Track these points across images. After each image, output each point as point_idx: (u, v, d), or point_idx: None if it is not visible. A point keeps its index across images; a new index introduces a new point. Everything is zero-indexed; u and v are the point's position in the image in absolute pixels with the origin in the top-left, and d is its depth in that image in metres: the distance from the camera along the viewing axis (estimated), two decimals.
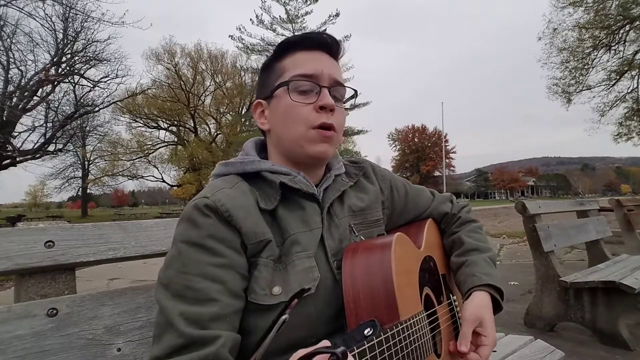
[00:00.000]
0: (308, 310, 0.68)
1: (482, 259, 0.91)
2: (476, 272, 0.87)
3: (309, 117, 0.73)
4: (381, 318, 0.64)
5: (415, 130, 73.26)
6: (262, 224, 0.69)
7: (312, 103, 0.74)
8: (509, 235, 8.64)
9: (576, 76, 16.92)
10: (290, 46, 0.78)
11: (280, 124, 0.76)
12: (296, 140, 0.75)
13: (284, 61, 0.77)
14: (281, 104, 0.76)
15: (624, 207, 3.93)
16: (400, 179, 1.00)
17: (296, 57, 0.77)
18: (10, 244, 0.74)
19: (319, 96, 0.74)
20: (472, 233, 0.97)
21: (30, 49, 18.17)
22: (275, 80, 0.77)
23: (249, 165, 0.76)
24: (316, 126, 0.73)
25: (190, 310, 0.60)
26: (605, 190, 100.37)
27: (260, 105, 0.81)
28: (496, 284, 0.86)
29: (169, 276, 0.64)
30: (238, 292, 0.65)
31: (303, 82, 0.74)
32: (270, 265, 0.68)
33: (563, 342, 2.47)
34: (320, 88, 0.75)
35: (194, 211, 0.66)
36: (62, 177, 28.58)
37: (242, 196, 0.70)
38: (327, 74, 0.76)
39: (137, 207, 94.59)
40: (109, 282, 4.86)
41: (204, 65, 32.40)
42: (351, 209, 0.83)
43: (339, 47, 0.80)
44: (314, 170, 0.81)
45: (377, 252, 0.70)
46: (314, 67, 0.75)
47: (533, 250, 2.77)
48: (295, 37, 0.78)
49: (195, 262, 0.63)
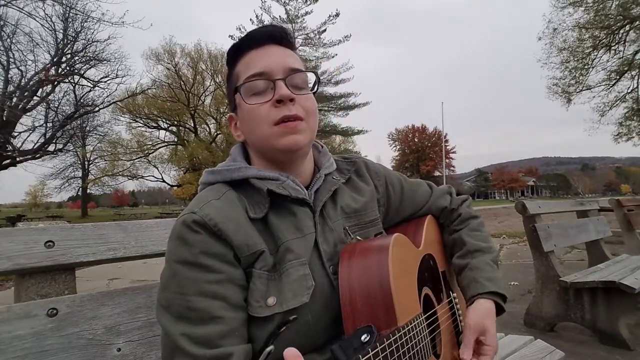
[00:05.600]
0: (305, 319, 0.67)
1: (485, 262, 0.90)
2: (479, 278, 0.87)
3: (269, 115, 0.70)
4: (379, 323, 0.63)
5: (415, 130, 73.19)
6: (254, 234, 0.68)
7: (269, 100, 0.71)
8: (509, 235, 8.63)
9: (576, 76, 16.95)
10: (240, 49, 0.75)
11: (248, 130, 0.75)
12: (264, 140, 0.72)
13: (237, 67, 0.76)
14: (244, 111, 0.74)
15: (624, 207, 3.93)
16: (395, 173, 0.97)
17: (246, 59, 0.74)
18: (10, 244, 0.74)
19: (274, 91, 0.71)
20: (474, 232, 0.96)
21: (30, 49, 18.23)
22: (233, 89, 0.76)
23: (236, 172, 0.74)
24: (277, 121, 0.70)
25: (196, 331, 0.60)
26: (605, 190, 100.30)
27: (232, 119, 0.80)
28: (500, 291, 0.86)
29: (167, 298, 0.63)
30: (240, 304, 0.65)
31: (254, 82, 0.72)
32: (265, 276, 0.67)
33: (563, 342, 2.47)
34: (274, 83, 0.71)
35: (182, 228, 0.65)
36: (62, 177, 28.57)
37: (231, 207, 0.68)
38: (280, 65, 0.72)
39: (137, 207, 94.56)
40: (109, 282, 4.86)
41: (204, 65, 32.37)
42: (344, 211, 0.81)
43: (286, 34, 0.77)
44: (299, 168, 0.78)
45: (374, 255, 0.69)
46: (262, 64, 0.72)
47: (533, 250, 2.76)
48: (241, 39, 0.75)
49: (192, 281, 0.62)
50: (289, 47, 0.77)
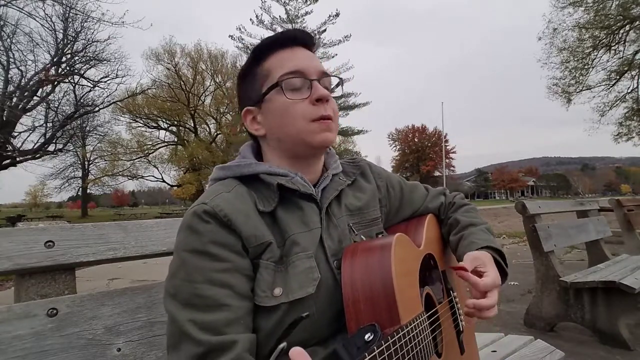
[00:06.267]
0: (309, 311, 0.68)
1: (479, 229, 0.92)
2: (474, 240, 0.88)
3: (307, 112, 0.74)
4: (382, 322, 0.63)
5: (415, 130, 73.22)
6: (262, 226, 0.70)
7: (306, 98, 0.74)
8: (509, 235, 8.64)
9: (576, 76, 16.96)
10: (267, 48, 0.78)
11: (279, 124, 0.76)
12: (298, 135, 0.74)
13: (265, 64, 0.77)
14: (276, 106, 0.75)
15: (624, 207, 3.93)
16: (395, 176, 1.01)
17: (278, 57, 0.77)
18: (10, 244, 0.74)
19: (312, 90, 0.74)
20: (467, 213, 0.99)
21: (30, 49, 18.21)
22: (262, 84, 0.77)
23: (246, 168, 0.76)
24: (316, 119, 0.74)
25: (203, 317, 0.61)
26: (605, 190, 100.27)
27: (250, 113, 0.80)
28: (495, 246, 0.87)
29: (175, 285, 0.64)
30: (247, 294, 0.66)
31: (293, 79, 0.74)
32: (271, 267, 0.69)
33: (563, 342, 2.47)
34: (310, 82, 0.75)
35: (193, 218, 0.66)
36: (62, 177, 28.58)
37: (241, 200, 0.70)
38: (313, 67, 0.76)
39: (137, 207, 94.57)
40: (109, 282, 4.86)
41: (204, 65, 32.42)
42: (348, 209, 0.83)
43: (312, 39, 0.81)
44: (313, 166, 0.81)
45: (376, 254, 0.70)
46: (298, 63, 0.75)
47: (533, 250, 2.77)
48: (270, 39, 0.78)
49: (200, 269, 0.64)
50: (313, 51, 0.82)
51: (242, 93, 0.82)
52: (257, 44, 0.79)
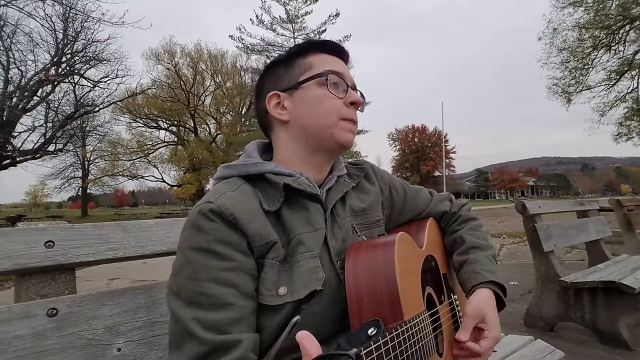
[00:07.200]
0: (313, 309, 0.68)
1: (484, 257, 0.91)
2: (479, 270, 0.88)
3: (341, 109, 0.78)
4: (385, 318, 0.64)
5: (415, 130, 73.23)
6: (267, 225, 0.70)
7: (341, 98, 0.79)
8: (509, 235, 8.63)
9: (576, 76, 16.94)
10: (314, 46, 0.82)
11: (309, 113, 0.78)
12: (327, 128, 0.77)
13: (308, 58, 0.81)
14: (311, 95, 0.78)
15: (624, 207, 3.93)
16: (398, 179, 1.01)
17: (322, 58, 0.81)
18: (10, 244, 0.74)
19: (347, 93, 0.80)
20: (473, 231, 0.98)
21: (30, 49, 18.19)
22: (301, 73, 0.79)
23: (252, 167, 0.76)
24: (347, 119, 0.79)
25: (207, 316, 0.61)
26: (605, 190, 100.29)
27: (276, 97, 0.80)
28: (499, 281, 0.87)
29: (179, 284, 0.64)
30: (251, 293, 0.66)
31: (336, 77, 0.79)
32: (276, 266, 0.69)
33: (563, 342, 2.47)
34: (347, 86, 0.80)
35: (199, 217, 0.66)
36: (62, 177, 28.55)
37: (246, 199, 0.70)
38: (350, 77, 0.82)
39: (137, 207, 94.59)
40: (109, 282, 4.86)
41: (204, 65, 32.45)
42: (352, 210, 0.84)
43: (349, 56, 0.87)
44: (324, 166, 0.83)
45: (380, 252, 0.70)
46: (340, 67, 0.81)
47: (533, 250, 2.76)
48: (317, 40, 0.83)
49: (205, 267, 0.63)
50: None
51: (272, 77, 0.83)
52: (306, 40, 0.85)
